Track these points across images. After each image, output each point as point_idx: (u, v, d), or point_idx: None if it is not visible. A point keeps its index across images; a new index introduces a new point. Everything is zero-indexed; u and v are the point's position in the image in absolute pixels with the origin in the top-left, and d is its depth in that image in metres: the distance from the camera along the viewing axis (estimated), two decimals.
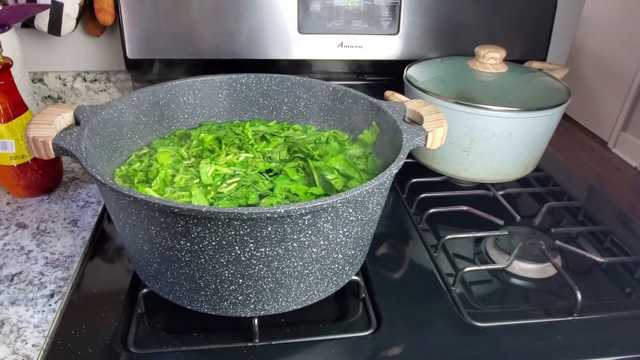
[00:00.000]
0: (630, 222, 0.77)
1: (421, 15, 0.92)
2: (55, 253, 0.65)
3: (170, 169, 0.61)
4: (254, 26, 0.88)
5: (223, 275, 0.48)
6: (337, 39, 0.91)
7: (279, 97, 0.74)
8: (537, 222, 0.75)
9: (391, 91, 0.72)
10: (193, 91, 0.71)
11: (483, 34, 0.94)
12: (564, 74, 0.87)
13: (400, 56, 0.94)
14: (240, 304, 0.51)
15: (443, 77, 0.81)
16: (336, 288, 0.56)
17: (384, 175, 0.48)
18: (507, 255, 0.66)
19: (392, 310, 0.58)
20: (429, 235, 0.72)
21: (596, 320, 0.59)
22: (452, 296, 0.61)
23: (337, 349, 0.54)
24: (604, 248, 0.73)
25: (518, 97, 0.75)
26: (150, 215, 0.45)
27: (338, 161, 0.62)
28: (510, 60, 0.85)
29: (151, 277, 0.54)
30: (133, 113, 0.64)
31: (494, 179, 0.80)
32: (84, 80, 0.99)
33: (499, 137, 0.74)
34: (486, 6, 0.94)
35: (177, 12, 0.86)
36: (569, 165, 0.95)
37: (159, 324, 0.56)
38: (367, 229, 0.54)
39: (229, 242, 0.44)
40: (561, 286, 0.64)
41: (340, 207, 0.46)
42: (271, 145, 0.68)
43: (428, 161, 0.83)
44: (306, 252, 0.48)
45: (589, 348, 0.55)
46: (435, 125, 0.58)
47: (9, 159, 0.71)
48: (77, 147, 0.51)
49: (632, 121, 1.07)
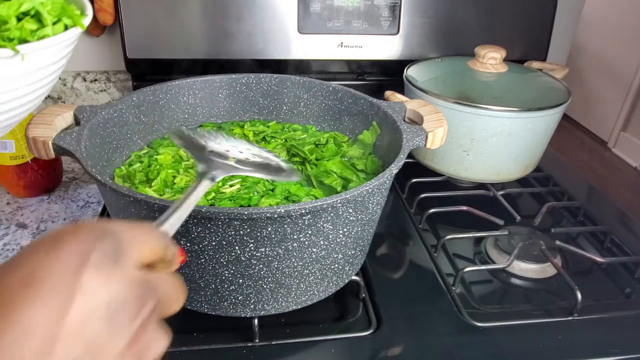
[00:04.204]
0: (630, 222, 0.77)
1: (421, 15, 0.92)
2: None
3: (171, 169, 0.61)
4: (254, 26, 0.88)
5: (223, 276, 0.48)
6: (337, 39, 0.91)
7: (279, 97, 0.74)
8: (537, 222, 0.75)
9: (391, 91, 0.72)
10: (193, 91, 0.71)
11: (483, 34, 0.94)
12: (564, 74, 0.87)
13: (400, 56, 0.94)
14: (240, 304, 0.51)
15: (443, 77, 0.81)
16: (336, 288, 0.56)
17: (384, 175, 0.48)
18: (507, 255, 0.66)
19: (392, 310, 0.58)
20: (429, 235, 0.72)
21: (596, 320, 0.59)
22: (452, 296, 0.61)
23: (337, 349, 0.54)
24: (604, 248, 0.73)
25: (518, 97, 0.75)
26: (150, 215, 0.45)
27: (335, 164, 0.62)
28: (510, 60, 0.85)
29: None
30: (133, 113, 0.64)
31: (494, 179, 0.80)
32: (84, 80, 0.99)
33: (499, 137, 0.74)
34: (486, 6, 0.94)
35: (177, 12, 0.86)
36: (569, 165, 0.95)
37: None
38: (367, 229, 0.54)
39: (229, 242, 0.44)
40: (561, 286, 0.64)
41: (340, 207, 0.46)
42: (270, 145, 0.68)
43: (428, 161, 0.83)
44: (306, 252, 0.48)
45: (589, 348, 0.55)
46: (435, 125, 0.58)
47: (9, 159, 0.71)
48: (77, 147, 0.51)
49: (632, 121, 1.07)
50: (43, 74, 0.37)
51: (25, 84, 0.37)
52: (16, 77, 0.35)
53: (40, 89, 0.39)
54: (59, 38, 0.36)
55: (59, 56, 0.38)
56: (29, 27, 0.35)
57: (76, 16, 0.39)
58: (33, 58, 0.34)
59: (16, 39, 0.33)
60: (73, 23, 0.38)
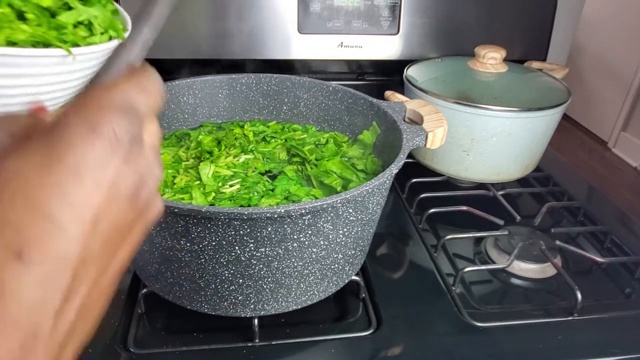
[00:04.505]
0: (630, 222, 0.77)
1: (421, 15, 0.92)
2: None
3: (170, 169, 0.61)
4: (254, 26, 0.88)
5: (223, 276, 0.48)
6: (337, 39, 0.91)
7: (279, 97, 0.74)
8: (537, 222, 0.75)
9: (391, 91, 0.72)
10: (193, 91, 0.71)
11: (483, 34, 0.94)
12: (564, 74, 0.87)
13: (400, 56, 0.94)
14: (240, 304, 0.51)
15: (443, 77, 0.81)
16: (336, 288, 0.56)
17: (384, 175, 0.48)
18: (507, 255, 0.66)
19: (392, 310, 0.58)
20: (429, 235, 0.72)
21: (596, 320, 0.59)
22: (452, 296, 0.61)
23: (337, 349, 0.54)
24: (604, 248, 0.73)
25: (518, 97, 0.75)
26: None
27: (335, 164, 0.62)
28: (510, 60, 0.85)
29: (151, 277, 0.54)
30: None
31: (494, 179, 0.80)
32: None
33: (499, 137, 0.74)
34: (486, 6, 0.94)
35: (177, 12, 0.86)
36: (569, 165, 0.95)
37: (159, 324, 0.56)
38: (367, 229, 0.54)
39: (229, 242, 0.44)
40: (561, 286, 0.64)
41: (340, 207, 0.46)
42: (270, 145, 0.68)
43: (428, 161, 0.83)
44: (306, 252, 0.48)
45: (589, 348, 0.55)
46: (435, 125, 0.58)
47: None
48: None
49: (632, 121, 1.07)
50: (85, 74, 0.43)
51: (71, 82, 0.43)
52: (65, 75, 0.41)
53: (77, 87, 0.45)
54: (104, 46, 0.42)
55: (100, 62, 0.44)
56: (82, 33, 0.42)
57: (120, 30, 0.45)
58: (81, 60, 0.41)
59: (70, 42, 0.40)
60: (117, 35, 0.44)
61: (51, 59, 0.38)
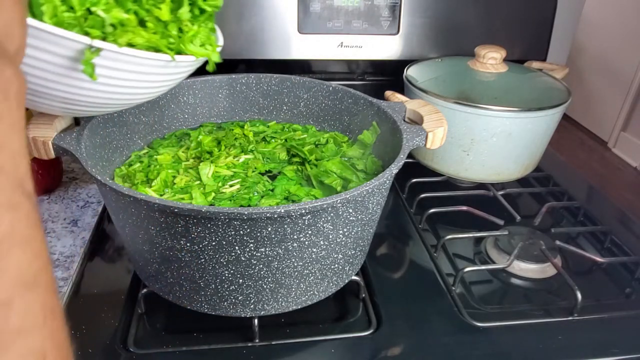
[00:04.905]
0: (630, 222, 0.77)
1: (421, 15, 0.92)
2: (55, 253, 0.65)
3: (170, 169, 0.61)
4: (254, 26, 0.88)
5: (223, 276, 0.48)
6: (337, 39, 0.91)
7: (279, 97, 0.74)
8: (537, 222, 0.75)
9: (391, 91, 0.72)
10: (193, 91, 0.71)
11: (483, 34, 0.94)
12: (564, 74, 0.87)
13: (400, 56, 0.94)
14: (240, 304, 0.51)
15: (443, 77, 0.81)
16: (336, 288, 0.56)
17: (384, 175, 0.48)
18: (507, 255, 0.66)
19: (392, 310, 0.58)
20: (429, 235, 0.72)
21: (596, 320, 0.59)
22: (452, 296, 0.61)
23: (337, 349, 0.54)
24: (604, 248, 0.73)
25: (518, 97, 0.75)
26: (150, 215, 0.45)
27: (335, 164, 0.62)
28: (510, 60, 0.85)
29: (151, 277, 0.54)
30: (133, 113, 0.64)
31: (494, 179, 0.80)
32: None
33: (499, 137, 0.74)
34: (486, 6, 0.94)
35: None
36: (569, 165, 0.95)
37: (159, 324, 0.56)
38: (367, 229, 0.54)
39: (229, 242, 0.44)
40: (561, 286, 0.64)
41: (340, 207, 0.46)
42: (270, 145, 0.68)
43: (428, 161, 0.83)
44: (306, 252, 0.48)
45: (589, 348, 0.55)
46: (435, 125, 0.58)
47: None
48: (77, 147, 0.51)
49: (632, 121, 1.07)
50: (175, 78, 0.50)
51: (164, 82, 0.49)
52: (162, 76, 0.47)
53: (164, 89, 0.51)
54: (199, 60, 0.49)
55: (189, 70, 0.51)
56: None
57: (214, 45, 0.52)
58: (179, 66, 0.47)
59: (174, 50, 0.46)
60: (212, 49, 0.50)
61: (158, 62, 0.44)
